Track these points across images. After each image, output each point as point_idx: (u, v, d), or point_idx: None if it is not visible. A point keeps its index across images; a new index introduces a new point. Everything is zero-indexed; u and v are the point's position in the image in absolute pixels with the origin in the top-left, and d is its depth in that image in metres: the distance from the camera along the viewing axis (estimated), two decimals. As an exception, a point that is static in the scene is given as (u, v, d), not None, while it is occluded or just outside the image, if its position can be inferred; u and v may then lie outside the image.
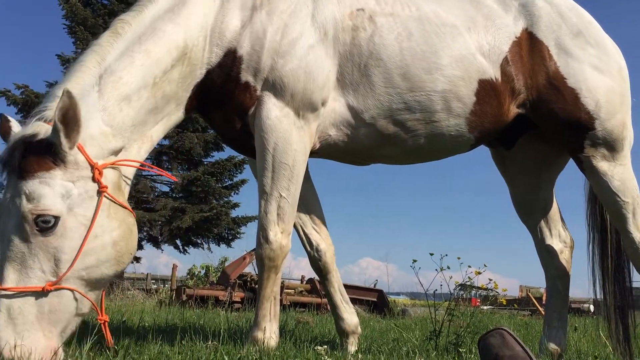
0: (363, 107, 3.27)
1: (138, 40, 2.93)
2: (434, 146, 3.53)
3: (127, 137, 2.82)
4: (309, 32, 3.16)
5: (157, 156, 19.43)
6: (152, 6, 3.04)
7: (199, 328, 4.29)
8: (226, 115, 3.19)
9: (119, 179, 2.77)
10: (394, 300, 17.16)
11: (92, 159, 2.60)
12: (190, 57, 3.03)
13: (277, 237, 3.06)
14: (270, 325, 3.11)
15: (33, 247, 2.47)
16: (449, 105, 3.38)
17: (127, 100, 2.81)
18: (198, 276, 16.01)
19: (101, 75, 2.80)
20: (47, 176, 2.50)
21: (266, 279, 3.10)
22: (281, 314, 8.05)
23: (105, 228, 2.61)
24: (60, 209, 2.49)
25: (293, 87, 3.08)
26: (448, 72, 3.35)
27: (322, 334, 5.00)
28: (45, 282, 2.47)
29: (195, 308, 9.39)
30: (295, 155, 3.08)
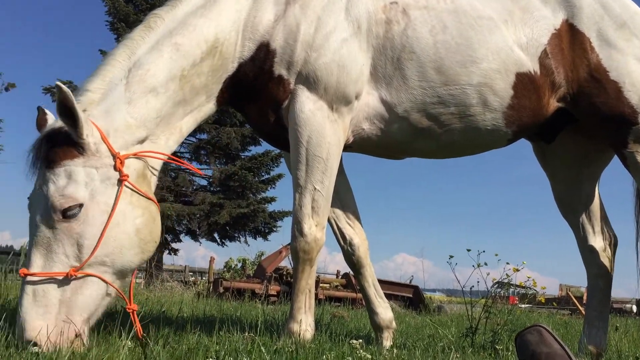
0: (396, 100, 3.26)
1: (169, 34, 3.00)
2: (469, 141, 3.50)
3: (152, 128, 2.90)
4: (343, 26, 3.16)
5: (196, 150, 19.72)
6: (186, 1, 3.12)
7: (236, 320, 4.36)
8: (260, 108, 3.23)
9: (144, 169, 2.85)
10: (430, 296, 17.03)
11: (114, 149, 2.70)
12: (221, 51, 3.08)
13: (311, 230, 3.08)
14: (306, 318, 3.13)
15: (58, 233, 2.58)
16: (485, 99, 3.33)
17: (154, 93, 2.89)
18: (235, 269, 16.18)
19: (130, 68, 2.89)
20: (72, 164, 2.62)
21: (301, 271, 3.12)
22: (316, 308, 8.09)
23: (128, 216, 2.69)
24: (82, 196, 2.60)
25: (326, 81, 3.09)
26: (484, 65, 3.31)
27: (358, 329, 5.02)
28: (69, 267, 2.57)
29: (232, 300, 9.51)
30: (329, 148, 3.10)
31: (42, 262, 2.56)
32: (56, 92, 2.54)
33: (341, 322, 5.69)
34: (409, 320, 6.86)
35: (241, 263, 16.32)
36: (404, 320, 6.74)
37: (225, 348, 2.75)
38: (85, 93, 2.81)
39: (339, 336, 3.40)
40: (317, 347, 2.93)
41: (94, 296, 2.62)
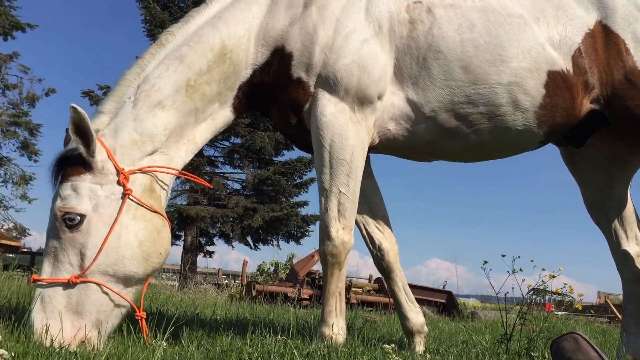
0: (423, 100, 3.23)
1: (177, 48, 3.09)
2: (499, 142, 3.43)
3: (162, 141, 2.98)
4: (363, 27, 3.14)
5: (229, 154, 19.92)
6: (198, 16, 3.20)
7: (269, 323, 4.38)
8: (281, 111, 3.24)
9: (152, 183, 2.93)
10: (464, 302, 16.85)
11: (119, 165, 2.82)
12: (231, 58, 3.11)
13: (338, 234, 3.07)
14: (337, 322, 3.12)
15: (63, 243, 2.74)
16: (515, 99, 3.27)
17: (160, 106, 2.97)
18: (267, 272, 16.29)
19: (139, 85, 2.99)
20: (78, 180, 2.78)
21: (330, 275, 3.12)
22: (349, 312, 8.08)
23: (130, 229, 2.79)
24: (85, 208, 2.74)
25: (347, 82, 3.07)
26: (514, 64, 3.25)
27: (390, 333, 4.99)
28: (72, 275, 2.69)
29: (264, 303, 9.57)
30: (352, 150, 3.08)
31: (50, 270, 2.73)
32: (71, 113, 2.67)
33: (373, 326, 5.67)
34: (442, 326, 6.80)
35: (274, 267, 16.42)
36: (437, 326, 6.68)
37: (258, 350, 2.77)
38: (99, 115, 2.97)
39: (372, 341, 3.39)
40: (350, 351, 2.93)
41: (98, 303, 2.72)
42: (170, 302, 6.74)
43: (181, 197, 19.81)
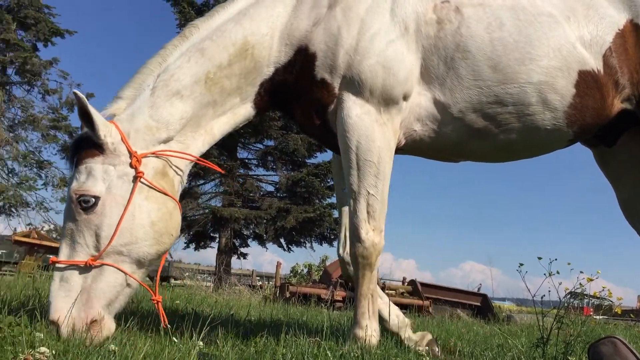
0: (451, 101, 3.20)
1: (200, 41, 3.15)
2: (528, 141, 3.39)
3: (177, 129, 3.06)
4: (388, 27, 3.13)
5: (263, 156, 20.07)
6: (223, 11, 3.26)
7: (302, 324, 4.40)
8: (305, 111, 3.26)
9: (164, 167, 3.02)
10: (499, 305, 16.60)
11: (132, 148, 2.92)
12: (253, 54, 3.15)
13: (368, 235, 3.07)
14: (370, 323, 3.12)
15: (79, 225, 2.84)
16: (545, 98, 3.22)
17: (178, 95, 3.05)
18: (301, 274, 16.35)
19: (159, 74, 3.09)
20: (92, 162, 2.89)
21: (361, 277, 3.12)
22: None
23: (143, 209, 2.89)
24: (99, 190, 2.85)
25: (372, 84, 3.06)
26: (544, 62, 3.20)
27: (424, 336, 4.96)
28: (89, 256, 2.81)
29: (298, 305, 9.61)
30: (379, 152, 3.07)
31: (67, 251, 2.84)
32: (75, 98, 2.82)
33: (407, 329, 5.63)
34: (477, 329, 6.72)
35: (307, 268, 16.46)
36: (472, 329, 6.61)
37: (292, 351, 2.79)
38: (116, 100, 3.07)
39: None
40: (383, 353, 2.93)
41: (112, 284, 2.83)
42: (206, 303, 6.83)
43: (215, 199, 20.03)
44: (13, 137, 22.82)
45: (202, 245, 20.84)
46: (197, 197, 19.54)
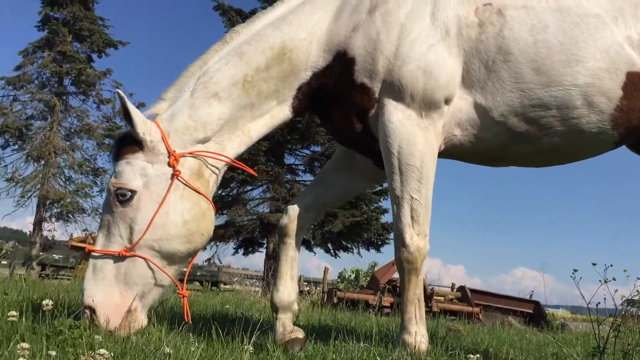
0: (492, 105, 3.16)
1: (239, 45, 3.22)
2: (572, 145, 3.31)
3: (215, 129, 3.14)
4: (429, 32, 3.11)
5: (310, 162, 20.18)
6: (263, 17, 3.32)
7: (351, 330, 4.41)
8: (344, 115, 3.27)
9: (200, 167, 3.10)
10: (552, 313, 16.19)
11: (170, 147, 3.02)
12: (290, 58, 3.19)
13: (413, 240, 3.05)
14: (419, 329, 3.09)
15: (115, 217, 2.98)
16: (590, 100, 3.15)
17: (216, 97, 3.13)
18: (348, 280, 16.33)
19: (199, 77, 3.18)
20: (132, 157, 3.01)
21: (407, 282, 3.10)
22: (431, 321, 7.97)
23: (177, 207, 2.98)
24: (136, 184, 2.96)
25: (412, 88, 3.05)
26: (590, 64, 3.13)
27: (475, 343, 4.90)
28: (122, 247, 2.94)
29: (346, 310, 9.60)
30: (422, 156, 3.06)
31: (103, 242, 2.98)
32: (118, 98, 2.95)
33: (457, 335, 5.56)
34: (529, 337, 6.57)
35: (354, 274, 16.43)
36: (525, 337, 6.47)
37: (342, 357, 2.81)
38: (159, 101, 3.20)
39: (456, 350, 3.35)
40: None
41: (144, 276, 2.95)
42: (255, 308, 6.91)
43: (263, 205, 20.25)
44: (69, 146, 23.66)
45: (251, 251, 21.10)
46: (245, 204, 19.80)
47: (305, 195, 3.57)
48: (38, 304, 3.25)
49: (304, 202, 3.51)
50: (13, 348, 2.23)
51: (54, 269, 20.27)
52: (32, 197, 22.79)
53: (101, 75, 24.29)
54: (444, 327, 6.22)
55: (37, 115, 23.69)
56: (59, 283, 8.87)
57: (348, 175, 3.63)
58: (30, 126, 23.23)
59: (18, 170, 22.93)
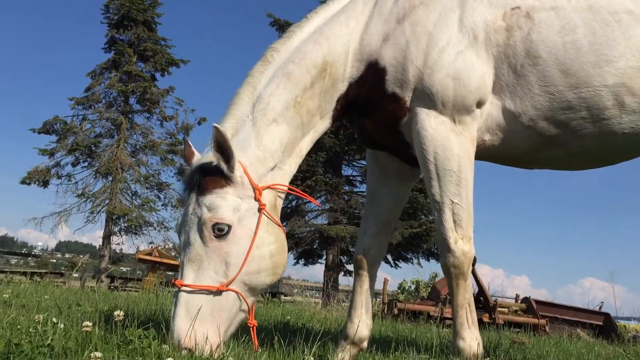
0: (521, 109, 3.13)
1: (284, 65, 3.21)
2: (604, 147, 3.23)
3: (278, 157, 3.11)
4: (457, 39, 3.10)
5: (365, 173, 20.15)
6: (299, 31, 3.31)
7: (411, 341, 4.39)
8: (376, 123, 3.29)
9: (275, 199, 3.10)
10: (624, 325, 15.50)
11: (253, 181, 2.98)
12: (330, 73, 3.20)
13: (457, 245, 3.03)
14: (471, 332, 3.06)
15: (209, 251, 2.90)
16: (622, 101, 3.07)
17: (275, 123, 3.11)
18: (408, 291, 16.17)
19: (254, 104, 3.14)
20: (222, 192, 2.94)
21: (456, 287, 3.09)
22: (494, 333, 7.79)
23: (265, 241, 2.97)
24: (232, 219, 2.91)
25: (443, 96, 3.04)
26: (621, 64, 3.05)
27: (540, 355, 4.77)
28: (216, 282, 2.87)
29: (406, 322, 9.53)
30: (459, 160, 3.04)
31: (193, 276, 2.88)
32: (214, 132, 2.86)
33: (522, 348, 5.44)
34: (598, 350, 6.34)
35: (415, 285, 16.26)
36: (593, 350, 6.25)
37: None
38: None
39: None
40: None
41: (235, 311, 2.92)
42: (315, 319, 6.96)
43: (322, 217, 20.35)
44: (135, 162, 24.51)
45: (310, 262, 21.21)
46: (303, 215, 19.96)
47: (367, 223, 3.57)
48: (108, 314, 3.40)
49: (369, 231, 3.53)
50: (87, 356, 2.36)
51: (122, 281, 20.98)
52: (101, 212, 23.70)
53: (164, 93, 25.09)
54: (508, 339, 6.09)
55: (105, 133, 24.65)
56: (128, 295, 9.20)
57: (390, 184, 3.61)
58: (99, 144, 24.20)
59: (88, 186, 23.91)
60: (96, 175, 23.86)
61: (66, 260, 31.43)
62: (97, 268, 23.09)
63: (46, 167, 23.76)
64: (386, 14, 3.25)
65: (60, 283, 16.59)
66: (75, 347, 2.58)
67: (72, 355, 2.43)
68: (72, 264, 24.16)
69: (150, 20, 25.28)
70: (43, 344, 2.51)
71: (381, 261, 3.61)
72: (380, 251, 3.54)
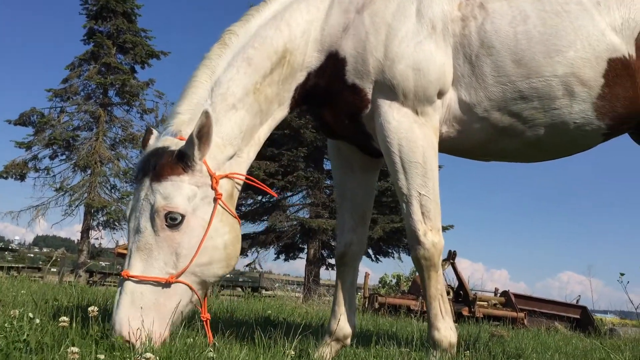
0: (475, 100, 3.14)
1: (243, 49, 3.13)
2: (558, 137, 3.26)
3: (237, 144, 3.03)
4: (415, 29, 3.09)
5: (349, 168, 20.20)
6: (258, 15, 3.23)
7: (392, 335, 4.40)
8: (336, 114, 3.26)
9: (232, 189, 3.02)
10: (601, 318, 15.74)
11: (210, 169, 2.89)
12: (289, 61, 3.16)
13: (427, 237, 3.02)
14: (445, 322, 3.06)
15: (160, 240, 2.79)
16: (571, 90, 3.11)
17: (234, 109, 3.03)
18: (389, 285, 16.25)
19: (212, 88, 3.04)
20: (178, 180, 2.82)
21: (427, 278, 3.08)
22: (474, 326, 7.86)
23: (219, 232, 2.89)
24: (186, 209, 2.81)
25: (404, 87, 3.04)
26: (571, 54, 3.09)
27: (518, 348, 4.82)
28: (165, 273, 2.77)
29: (387, 316, 9.57)
30: (423, 151, 3.03)
31: (142, 266, 2.77)
32: (202, 118, 2.77)
33: (501, 341, 5.49)
34: (576, 343, 6.43)
35: (395, 279, 16.35)
36: (571, 343, 6.33)
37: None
38: (176, 115, 3.02)
39: (499, 356, 3.32)
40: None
41: (182, 303, 2.81)
42: (296, 313, 6.96)
43: (303, 211, 20.36)
44: (114, 155, 24.27)
45: (292, 257, 21.23)
46: (285, 210, 19.95)
47: (343, 219, 3.55)
48: (86, 309, 3.36)
49: (347, 226, 3.51)
50: (64, 352, 2.32)
51: (101, 275, 20.81)
52: (79, 206, 23.46)
53: (144, 86, 24.87)
54: (487, 333, 6.15)
55: (83, 126, 24.40)
56: (107, 289, 9.10)
57: (356, 177, 3.58)
58: (77, 137, 23.95)
59: (66, 179, 23.65)
60: (74, 169, 23.61)
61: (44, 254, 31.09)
62: (76, 262, 22.87)
63: (23, 160, 23.45)
64: (346, 3, 3.21)
65: (37, 278, 16.38)
66: (52, 342, 2.54)
67: (49, 351, 2.39)
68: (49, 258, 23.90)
69: (129, 11, 25.02)
70: (19, 339, 2.47)
71: (362, 255, 3.59)
72: (361, 245, 3.53)
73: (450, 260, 12.60)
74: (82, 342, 2.59)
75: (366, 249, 19.99)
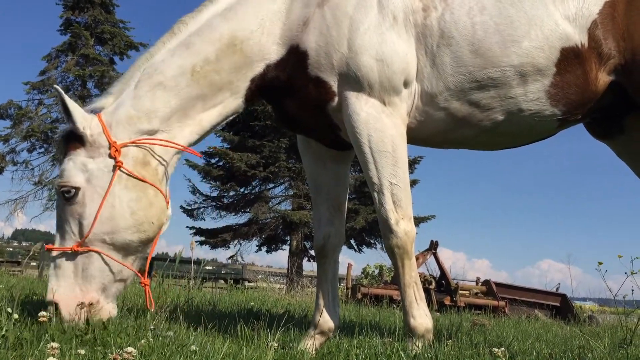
0: (436, 90, 3.17)
1: (188, 37, 3.19)
2: (515, 125, 3.31)
3: (162, 119, 3.11)
4: (377, 21, 3.09)
5: (331, 159, 20.21)
6: (212, 6, 3.25)
7: (375, 325, 4.42)
8: (301, 107, 3.25)
9: (145, 157, 3.08)
10: (580, 306, 15.98)
11: (111, 139, 3.02)
12: (242, 49, 3.14)
13: (399, 225, 3.04)
14: (419, 310, 3.07)
15: (65, 215, 3.01)
16: (526, 79, 3.16)
17: (161, 86, 3.11)
18: (372, 275, 16.33)
19: (145, 69, 3.16)
20: (74, 154, 3.03)
21: (401, 267, 3.09)
22: (456, 315, 7.93)
23: (123, 199, 2.99)
24: (78, 181, 2.99)
25: (369, 78, 3.04)
26: (525, 44, 3.13)
27: (500, 337, 4.87)
28: (75, 243, 2.97)
29: (370, 306, 9.62)
30: (393, 140, 3.05)
31: (58, 240, 3.02)
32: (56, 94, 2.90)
33: (482, 329, 5.54)
34: (556, 330, 6.52)
35: (378, 269, 16.43)
36: (551, 330, 6.42)
37: (365, 352, 2.82)
38: (106, 95, 3.21)
39: (480, 344, 3.34)
40: (457, 354, 2.91)
41: (101, 269, 2.98)
42: (279, 305, 6.96)
43: (285, 203, 20.33)
44: (94, 148, 24.01)
45: (274, 248, 21.21)
46: (267, 201, 19.91)
47: (319, 212, 3.55)
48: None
49: (324, 219, 3.51)
50: (43, 347, 2.29)
51: (81, 269, 20.57)
52: (58, 199, 23.19)
53: (123, 78, 24.58)
54: (468, 321, 6.20)
55: (62, 119, 24.05)
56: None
57: (328, 169, 3.59)
58: (56, 129, 23.61)
59: (45, 173, 23.35)
60: (53, 162, 23.31)
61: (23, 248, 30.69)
62: (56, 256, 22.61)
63: (1, 153, 23.10)
64: None
65: (17, 272, 16.18)
66: (31, 337, 2.50)
67: (28, 347, 2.36)
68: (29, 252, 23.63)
69: (107, 1, 24.67)
70: (-4, 335, 2.43)
71: (342, 247, 3.59)
72: (340, 237, 3.53)
73: (432, 250, 12.69)
74: (62, 337, 2.56)
75: (348, 240, 20.08)
